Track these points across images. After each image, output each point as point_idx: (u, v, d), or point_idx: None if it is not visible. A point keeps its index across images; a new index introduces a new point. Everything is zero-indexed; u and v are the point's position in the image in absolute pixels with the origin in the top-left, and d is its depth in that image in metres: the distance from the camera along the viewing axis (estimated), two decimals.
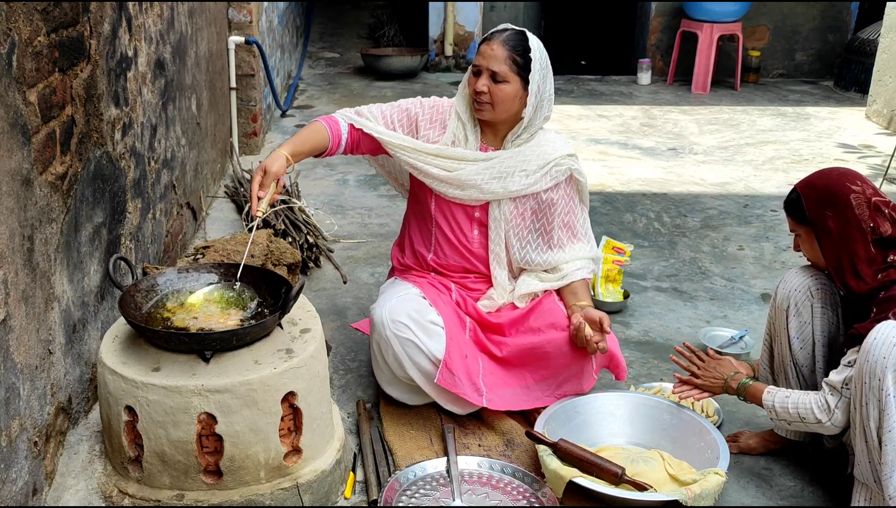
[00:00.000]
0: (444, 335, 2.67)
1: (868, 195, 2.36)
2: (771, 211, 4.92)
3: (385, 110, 2.83)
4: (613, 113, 7.13)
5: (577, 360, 2.73)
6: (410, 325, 2.65)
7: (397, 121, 2.82)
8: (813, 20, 8.43)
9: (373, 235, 4.42)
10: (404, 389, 2.80)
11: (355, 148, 2.81)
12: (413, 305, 2.70)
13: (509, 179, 2.76)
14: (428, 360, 2.66)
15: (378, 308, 2.71)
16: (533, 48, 2.67)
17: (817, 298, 2.49)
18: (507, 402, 2.74)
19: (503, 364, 2.79)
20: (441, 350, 2.64)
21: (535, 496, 2.48)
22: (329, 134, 2.74)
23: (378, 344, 2.70)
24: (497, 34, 2.70)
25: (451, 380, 2.62)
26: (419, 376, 2.69)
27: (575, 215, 2.89)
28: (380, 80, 8.06)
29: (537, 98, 2.70)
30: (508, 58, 2.65)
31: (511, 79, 2.66)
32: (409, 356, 2.65)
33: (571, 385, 2.77)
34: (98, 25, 2.63)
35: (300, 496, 2.31)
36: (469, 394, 2.65)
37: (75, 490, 2.31)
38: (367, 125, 2.77)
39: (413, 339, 2.64)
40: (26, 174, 2.11)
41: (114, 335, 2.37)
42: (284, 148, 2.65)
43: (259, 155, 5.58)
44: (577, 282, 2.83)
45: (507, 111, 2.71)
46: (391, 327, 2.64)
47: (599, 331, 2.66)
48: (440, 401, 2.77)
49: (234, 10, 5.28)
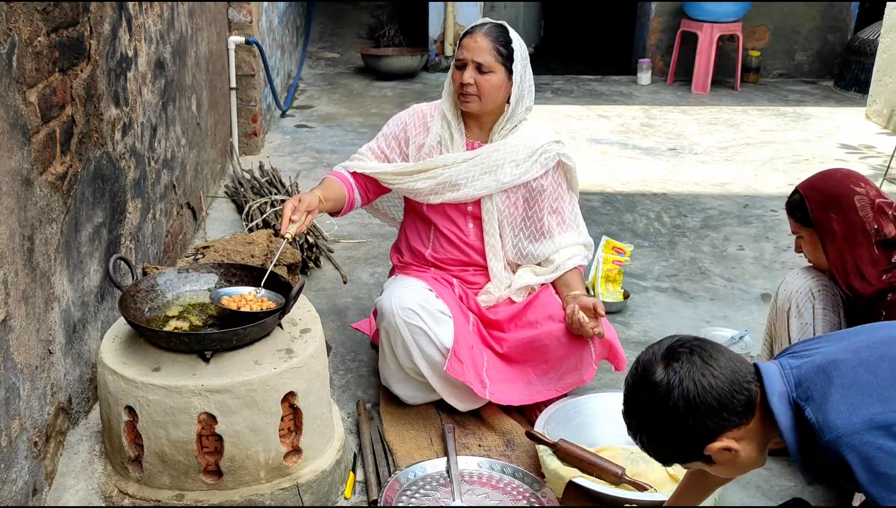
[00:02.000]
0: (451, 323, 2.69)
1: (872, 197, 2.36)
2: (771, 211, 4.92)
3: (373, 146, 2.93)
4: (613, 113, 7.13)
5: (576, 350, 2.74)
6: (420, 313, 2.66)
7: (387, 148, 2.91)
8: (813, 20, 8.43)
9: (373, 235, 4.42)
10: (408, 385, 2.80)
11: (368, 192, 2.90)
12: (422, 294, 2.73)
13: (500, 170, 2.79)
14: (436, 349, 2.67)
15: (387, 298, 2.72)
16: (514, 38, 2.74)
17: (819, 299, 2.49)
18: (510, 397, 2.75)
19: (506, 360, 2.81)
20: (449, 339, 2.66)
21: (535, 496, 2.48)
22: (340, 182, 2.83)
23: (387, 332, 2.71)
24: (478, 28, 2.75)
25: (459, 368, 2.64)
26: (426, 366, 2.69)
27: (563, 201, 2.92)
28: (380, 80, 8.06)
29: (520, 88, 2.76)
30: (493, 49, 2.70)
31: (496, 69, 2.70)
32: (417, 345, 2.67)
33: (572, 377, 2.78)
34: (98, 25, 2.63)
35: (300, 496, 2.31)
36: (474, 384, 2.66)
37: (75, 490, 2.31)
38: (362, 166, 2.87)
39: (422, 326, 2.66)
40: (26, 174, 2.11)
41: (114, 335, 2.37)
42: (316, 190, 2.72)
43: (259, 155, 5.59)
44: (570, 272, 2.87)
45: (493, 102, 2.75)
46: (401, 314, 2.66)
47: (594, 317, 2.67)
48: (445, 395, 2.77)
49: (234, 10, 5.28)
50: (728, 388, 1.65)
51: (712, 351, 1.70)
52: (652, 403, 1.69)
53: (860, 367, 1.65)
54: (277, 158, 5.53)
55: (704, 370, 1.66)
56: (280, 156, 5.64)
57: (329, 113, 6.87)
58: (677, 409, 1.65)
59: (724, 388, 1.65)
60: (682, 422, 1.66)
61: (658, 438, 1.73)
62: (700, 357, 1.68)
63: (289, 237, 2.51)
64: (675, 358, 1.69)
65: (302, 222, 2.55)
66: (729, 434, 1.68)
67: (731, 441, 1.67)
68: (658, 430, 1.72)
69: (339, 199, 2.79)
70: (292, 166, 5.36)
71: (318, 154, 5.76)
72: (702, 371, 1.66)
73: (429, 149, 2.84)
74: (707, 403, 1.65)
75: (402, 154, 2.89)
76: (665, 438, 1.72)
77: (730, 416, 1.66)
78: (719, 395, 1.65)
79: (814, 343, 1.78)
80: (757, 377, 1.71)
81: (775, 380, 1.69)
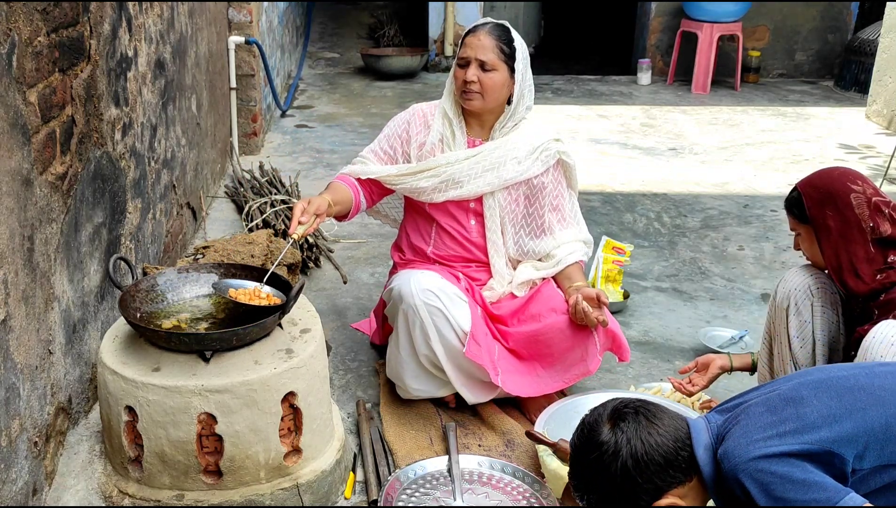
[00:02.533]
0: (468, 307, 2.71)
1: (868, 195, 2.36)
2: (771, 211, 4.92)
3: (375, 148, 2.95)
4: (613, 113, 7.13)
5: (580, 341, 2.75)
6: (439, 295, 2.67)
7: (389, 148, 2.92)
8: (813, 20, 8.43)
9: (373, 235, 4.42)
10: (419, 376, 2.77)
11: (372, 194, 2.92)
12: (438, 279, 2.74)
13: (502, 167, 2.81)
14: (454, 332, 2.67)
15: (405, 282, 2.71)
16: (515, 38, 2.77)
17: (817, 297, 2.49)
18: (520, 388, 2.76)
19: (514, 355, 2.82)
20: (467, 322, 2.67)
21: (535, 496, 2.48)
22: (346, 186, 2.84)
23: (405, 315, 2.69)
24: (480, 26, 2.78)
25: (477, 352, 2.65)
26: (442, 350, 2.69)
27: (563, 198, 2.94)
28: (380, 80, 8.07)
29: (521, 86, 2.78)
30: (496, 47, 2.72)
31: (499, 67, 2.73)
32: (436, 327, 2.67)
33: (579, 368, 2.79)
34: (98, 25, 2.63)
35: (300, 496, 2.31)
36: (490, 369, 2.67)
37: (75, 490, 2.31)
38: (364, 170, 2.88)
39: (441, 308, 2.66)
40: (26, 174, 2.11)
41: (114, 335, 2.37)
42: (325, 194, 2.74)
43: (259, 155, 5.59)
44: (572, 266, 2.89)
45: (495, 100, 2.77)
46: (420, 295, 2.66)
47: (598, 307, 2.69)
48: (457, 385, 2.77)
49: (234, 10, 5.28)
50: (673, 445, 1.71)
51: (656, 411, 1.76)
52: (600, 463, 1.73)
53: (763, 407, 1.72)
54: (277, 158, 5.53)
55: (650, 428, 1.72)
56: (280, 156, 5.64)
57: (329, 113, 6.87)
58: (626, 468, 1.70)
59: (670, 445, 1.71)
60: (629, 481, 1.70)
61: (607, 498, 1.75)
62: (645, 417, 1.74)
63: (296, 238, 2.51)
64: (622, 418, 1.74)
65: (310, 224, 2.55)
66: (674, 492, 1.72)
67: (676, 500, 1.72)
68: (607, 490, 1.74)
69: (346, 202, 2.81)
70: (292, 166, 5.36)
71: (318, 154, 5.76)
72: (647, 430, 1.71)
73: (430, 147, 2.85)
74: (654, 461, 1.69)
75: (404, 153, 2.90)
76: (614, 497, 1.74)
77: (675, 473, 1.71)
78: (665, 452, 1.70)
79: (740, 397, 1.85)
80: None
81: (701, 434, 1.76)
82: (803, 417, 1.66)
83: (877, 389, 1.70)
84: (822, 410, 1.66)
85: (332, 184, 2.85)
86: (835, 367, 1.87)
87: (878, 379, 1.73)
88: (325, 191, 2.79)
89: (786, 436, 1.64)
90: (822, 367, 1.94)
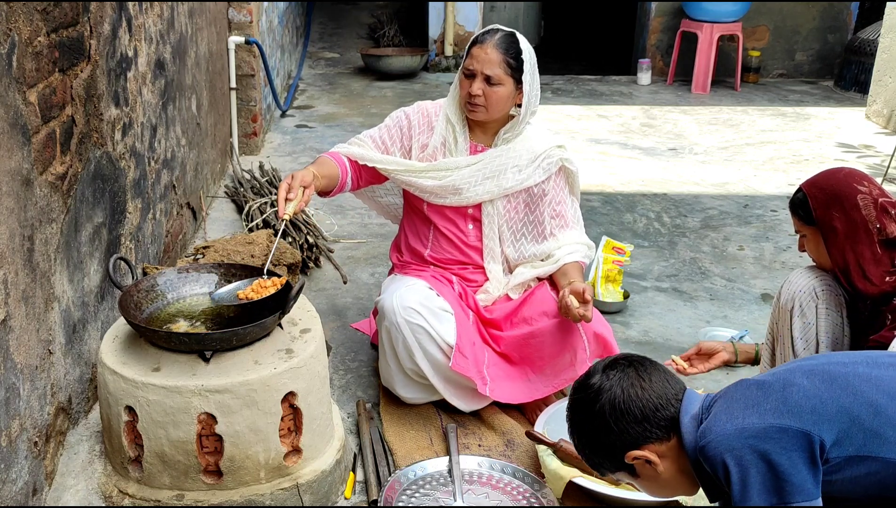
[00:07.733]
0: (454, 320, 2.69)
1: (875, 196, 2.35)
2: (771, 211, 4.92)
3: (374, 135, 2.89)
4: (613, 113, 7.13)
5: (570, 346, 2.72)
6: (421, 311, 2.66)
7: (388, 139, 2.88)
8: (813, 20, 8.43)
9: (373, 235, 4.42)
10: (409, 385, 2.79)
11: (360, 178, 2.86)
12: (423, 293, 2.72)
13: (502, 176, 2.80)
14: (438, 347, 2.66)
15: (388, 297, 2.71)
16: (524, 49, 2.72)
17: (822, 299, 2.48)
18: (510, 394, 2.75)
19: (505, 359, 2.81)
20: (452, 336, 2.66)
21: (535, 496, 2.48)
22: (335, 162, 2.79)
23: (388, 332, 2.70)
24: (488, 36, 2.72)
25: (464, 363, 2.64)
26: (428, 366, 2.69)
27: (564, 205, 2.92)
28: (380, 80, 8.06)
29: (529, 96, 2.76)
30: (503, 61, 2.68)
31: (505, 81, 2.70)
32: (419, 344, 2.66)
33: (568, 374, 2.75)
34: (98, 25, 2.63)
35: (300, 496, 2.31)
36: (476, 380, 2.66)
37: (75, 490, 2.31)
38: (363, 155, 2.82)
39: (424, 325, 2.65)
40: (26, 174, 2.11)
41: (114, 335, 2.37)
42: (310, 167, 2.68)
43: (259, 155, 5.59)
44: (570, 264, 2.85)
45: (500, 111, 2.76)
46: (402, 313, 2.65)
47: (583, 302, 2.65)
48: (447, 395, 2.77)
49: (234, 10, 5.28)
50: (654, 402, 1.77)
51: (650, 368, 1.82)
52: (581, 404, 1.83)
53: (754, 386, 1.75)
54: (277, 158, 5.53)
55: (635, 381, 1.79)
56: (280, 156, 5.64)
57: (329, 113, 6.87)
58: (602, 412, 1.78)
59: (650, 401, 1.77)
60: (605, 425, 1.78)
61: (586, 439, 1.85)
62: (635, 370, 1.81)
63: (288, 217, 2.45)
64: (613, 367, 1.83)
65: (299, 198, 2.48)
66: (651, 448, 1.77)
67: (651, 454, 1.77)
68: (587, 430, 1.84)
69: (332, 177, 2.73)
70: (292, 166, 5.36)
71: (318, 154, 5.66)
72: (632, 381, 1.78)
73: (432, 150, 2.83)
74: (630, 411, 1.76)
75: (404, 148, 2.87)
76: (592, 438, 1.83)
77: (651, 428, 1.76)
78: (643, 406, 1.76)
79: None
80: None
81: (693, 404, 1.79)
82: (787, 398, 1.68)
83: (874, 379, 1.70)
84: (808, 392, 1.68)
85: (320, 158, 2.79)
86: (839, 355, 1.87)
87: (879, 370, 1.73)
88: (311, 164, 2.71)
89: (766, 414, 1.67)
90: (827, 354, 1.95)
